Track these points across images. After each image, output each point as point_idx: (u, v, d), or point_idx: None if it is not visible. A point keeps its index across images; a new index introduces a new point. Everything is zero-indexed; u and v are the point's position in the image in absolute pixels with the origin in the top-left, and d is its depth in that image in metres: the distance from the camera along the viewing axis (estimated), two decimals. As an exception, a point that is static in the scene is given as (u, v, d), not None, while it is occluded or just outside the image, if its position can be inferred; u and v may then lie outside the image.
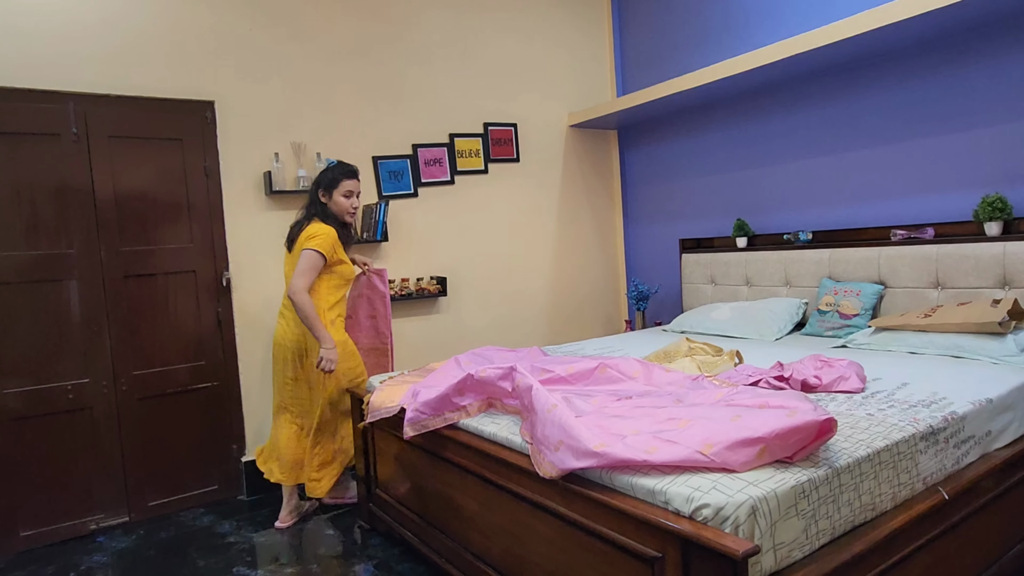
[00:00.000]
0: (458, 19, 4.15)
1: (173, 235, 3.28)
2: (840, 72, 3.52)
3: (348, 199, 2.98)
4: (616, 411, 1.88)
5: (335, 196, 2.96)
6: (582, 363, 2.30)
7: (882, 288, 3.19)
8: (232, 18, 3.40)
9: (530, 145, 4.49)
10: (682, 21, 4.35)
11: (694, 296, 4.22)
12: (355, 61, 3.78)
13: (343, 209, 2.98)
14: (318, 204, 2.97)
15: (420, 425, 2.24)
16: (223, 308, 3.40)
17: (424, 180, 4.04)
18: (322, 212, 2.97)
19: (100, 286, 3.09)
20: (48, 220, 2.98)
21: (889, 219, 3.38)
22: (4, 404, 2.89)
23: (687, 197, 4.49)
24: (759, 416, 1.59)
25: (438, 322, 4.10)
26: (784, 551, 1.43)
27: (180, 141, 3.27)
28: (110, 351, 3.12)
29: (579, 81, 4.71)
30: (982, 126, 3.02)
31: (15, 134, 2.91)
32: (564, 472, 1.65)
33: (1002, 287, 2.83)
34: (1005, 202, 2.83)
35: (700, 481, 1.46)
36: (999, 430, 2.10)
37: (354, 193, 3.00)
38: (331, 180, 2.97)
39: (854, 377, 2.19)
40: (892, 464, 1.71)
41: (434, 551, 2.38)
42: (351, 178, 3.00)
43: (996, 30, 2.94)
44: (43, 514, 2.98)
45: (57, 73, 2.98)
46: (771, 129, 3.90)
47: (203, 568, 2.68)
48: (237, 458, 3.45)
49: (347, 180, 2.98)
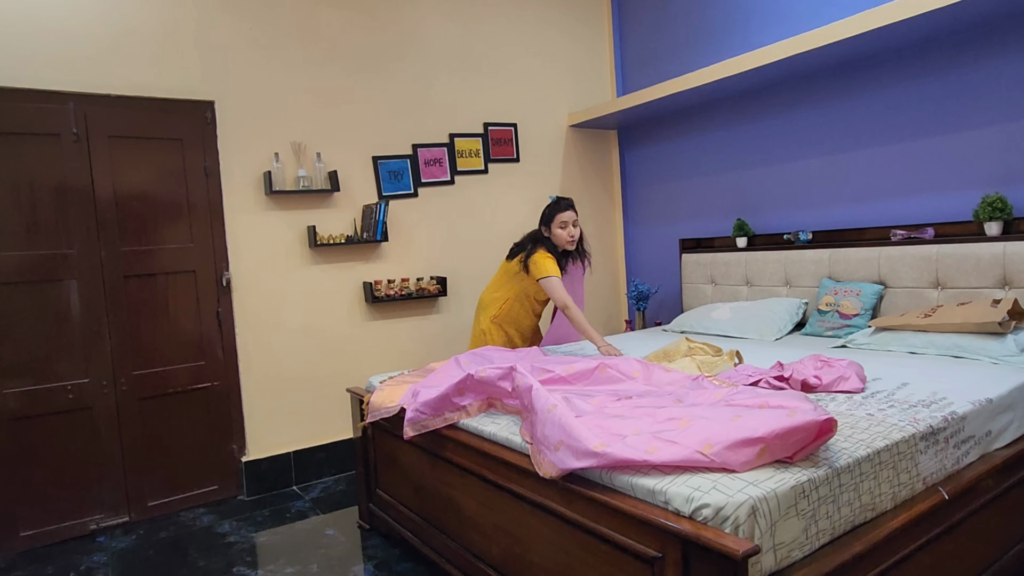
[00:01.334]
0: (458, 19, 4.15)
1: (173, 235, 3.28)
2: (840, 72, 3.52)
3: (564, 230, 3.19)
4: (616, 411, 1.87)
5: (553, 228, 3.20)
6: (582, 363, 2.30)
7: (882, 288, 3.19)
8: (232, 18, 3.40)
9: (530, 145, 4.49)
10: (682, 21, 4.35)
11: (694, 296, 4.22)
12: (355, 61, 3.78)
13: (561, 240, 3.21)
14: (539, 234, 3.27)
15: (420, 425, 2.24)
16: (223, 308, 3.40)
17: (424, 180, 4.04)
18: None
19: (100, 286, 3.09)
20: (48, 220, 2.98)
21: (889, 219, 3.38)
22: (4, 404, 2.89)
23: (687, 197, 4.49)
24: (759, 416, 1.59)
25: (438, 322, 4.10)
26: (784, 551, 1.43)
27: (180, 141, 3.27)
28: (110, 351, 3.12)
29: (579, 81, 4.71)
30: (982, 126, 3.02)
31: (15, 134, 2.91)
32: (564, 472, 1.65)
33: (1002, 287, 2.83)
34: (1005, 202, 2.83)
35: (700, 481, 1.46)
36: (999, 430, 2.10)
37: (569, 223, 3.19)
38: (547, 215, 3.22)
39: (854, 377, 2.19)
40: (892, 464, 1.71)
41: (434, 551, 2.38)
42: (566, 210, 3.19)
43: (996, 30, 2.94)
44: (43, 514, 2.98)
45: (57, 73, 2.98)
46: (771, 129, 3.90)
47: (203, 568, 2.68)
48: (237, 458, 3.45)
49: (562, 213, 3.18)
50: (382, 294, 3.78)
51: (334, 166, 3.70)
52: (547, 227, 3.21)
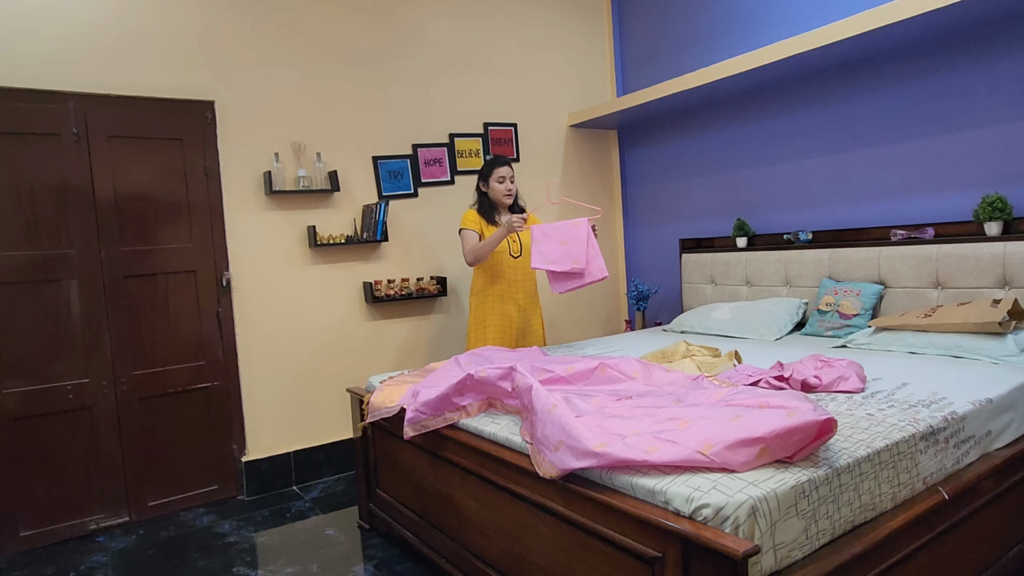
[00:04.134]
0: (458, 19, 4.15)
1: (173, 235, 3.28)
2: (840, 72, 3.52)
3: (501, 184, 3.31)
4: (616, 411, 1.87)
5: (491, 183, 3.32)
6: (582, 363, 2.30)
7: (882, 288, 3.19)
8: (232, 18, 3.40)
9: (530, 145, 4.49)
10: (682, 21, 4.35)
11: (694, 296, 4.22)
12: (355, 60, 3.78)
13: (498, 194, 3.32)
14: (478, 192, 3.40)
15: (420, 425, 2.24)
16: (223, 308, 3.40)
17: (424, 180, 4.04)
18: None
19: (100, 286, 3.09)
20: (48, 220, 2.98)
21: (889, 219, 3.38)
22: (4, 404, 2.89)
23: (687, 197, 4.49)
24: (759, 416, 1.59)
25: (438, 322, 4.10)
26: (784, 551, 1.43)
27: (180, 141, 3.27)
28: (110, 351, 3.12)
29: (579, 81, 4.71)
30: (982, 126, 3.02)
31: (15, 134, 2.91)
32: (564, 472, 1.65)
33: (1002, 287, 2.83)
34: (1005, 202, 2.83)
35: (700, 481, 1.46)
36: (999, 430, 2.10)
37: (507, 178, 3.31)
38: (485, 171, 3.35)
39: (854, 377, 2.18)
40: (892, 464, 1.71)
41: (434, 551, 2.38)
42: (501, 165, 3.32)
43: (996, 30, 2.94)
44: (43, 514, 2.98)
45: (57, 73, 2.98)
46: (771, 129, 3.90)
47: (203, 568, 2.68)
48: (237, 458, 3.45)
49: (499, 168, 3.32)
50: (382, 294, 3.78)
51: (334, 166, 3.70)
52: (485, 182, 3.33)
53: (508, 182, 3.31)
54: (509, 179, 3.31)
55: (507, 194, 3.31)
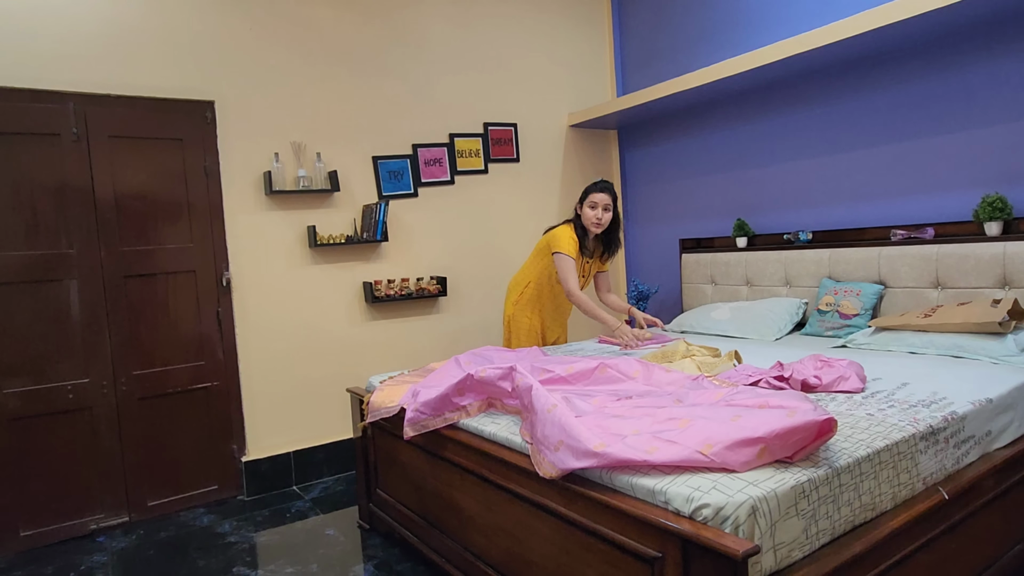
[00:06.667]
0: (458, 19, 4.15)
1: (173, 235, 3.28)
2: (840, 72, 3.52)
3: (593, 210, 3.12)
4: (616, 411, 1.87)
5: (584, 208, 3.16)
6: (582, 363, 2.30)
7: (882, 288, 3.19)
8: (232, 18, 3.39)
9: (530, 145, 4.49)
10: (682, 21, 4.35)
11: (694, 296, 4.22)
12: (355, 61, 3.78)
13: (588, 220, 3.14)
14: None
15: (420, 425, 2.24)
16: (223, 308, 3.40)
17: (424, 180, 4.04)
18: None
19: (100, 286, 3.09)
20: (48, 220, 2.98)
21: (889, 219, 3.38)
22: (4, 404, 2.89)
23: (687, 197, 4.48)
24: (759, 416, 1.59)
25: (438, 322, 4.10)
26: (784, 551, 1.43)
27: (180, 141, 3.27)
28: (110, 351, 3.12)
29: (579, 81, 4.71)
30: (982, 126, 3.02)
31: (15, 134, 2.91)
32: (564, 472, 1.65)
33: (1002, 287, 2.83)
34: (1005, 202, 2.83)
35: (700, 481, 1.46)
36: (999, 430, 2.10)
37: (599, 205, 3.11)
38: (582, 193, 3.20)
39: (854, 377, 2.18)
40: (892, 464, 1.71)
41: (434, 551, 2.38)
42: (598, 191, 3.13)
43: (996, 30, 2.94)
44: (43, 514, 2.98)
45: (57, 73, 2.98)
46: (771, 129, 3.90)
47: (203, 568, 2.68)
48: (237, 458, 3.45)
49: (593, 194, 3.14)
50: (382, 294, 3.78)
51: (334, 166, 3.70)
52: (580, 204, 3.18)
53: (600, 210, 3.08)
54: (602, 207, 3.08)
55: (596, 223, 3.10)
